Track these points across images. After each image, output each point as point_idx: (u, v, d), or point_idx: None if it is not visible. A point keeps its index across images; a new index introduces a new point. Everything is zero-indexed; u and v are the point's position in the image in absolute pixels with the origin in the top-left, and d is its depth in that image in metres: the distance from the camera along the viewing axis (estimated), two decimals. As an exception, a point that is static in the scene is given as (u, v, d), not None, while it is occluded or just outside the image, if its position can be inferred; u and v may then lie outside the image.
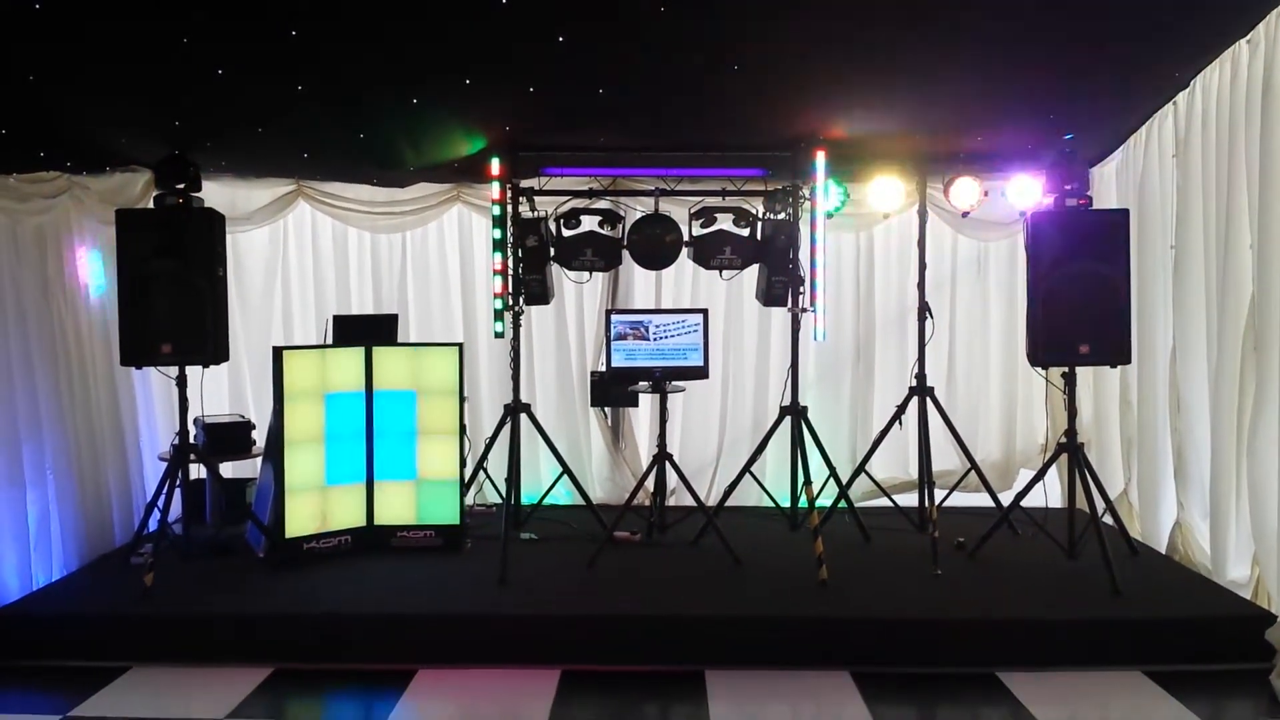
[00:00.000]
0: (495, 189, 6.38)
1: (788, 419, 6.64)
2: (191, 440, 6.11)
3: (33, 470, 5.79)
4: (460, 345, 6.60)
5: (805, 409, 6.64)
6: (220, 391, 7.52)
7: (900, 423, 6.91)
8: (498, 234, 6.43)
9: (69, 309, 6.14)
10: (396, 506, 6.47)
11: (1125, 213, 5.88)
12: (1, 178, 5.56)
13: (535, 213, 6.58)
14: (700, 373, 6.60)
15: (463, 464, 6.50)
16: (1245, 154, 5.26)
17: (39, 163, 5.80)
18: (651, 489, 6.76)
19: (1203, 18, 5.01)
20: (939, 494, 6.83)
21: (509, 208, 6.45)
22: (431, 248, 7.89)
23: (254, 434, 6.89)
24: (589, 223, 6.58)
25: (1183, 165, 5.90)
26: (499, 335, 6.57)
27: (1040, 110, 5.87)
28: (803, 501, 6.64)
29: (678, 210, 6.70)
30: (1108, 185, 6.97)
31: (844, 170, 6.75)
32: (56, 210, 5.99)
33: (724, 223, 6.59)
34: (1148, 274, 6.36)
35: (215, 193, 6.88)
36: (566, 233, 6.53)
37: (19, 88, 4.97)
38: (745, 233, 6.58)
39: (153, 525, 6.03)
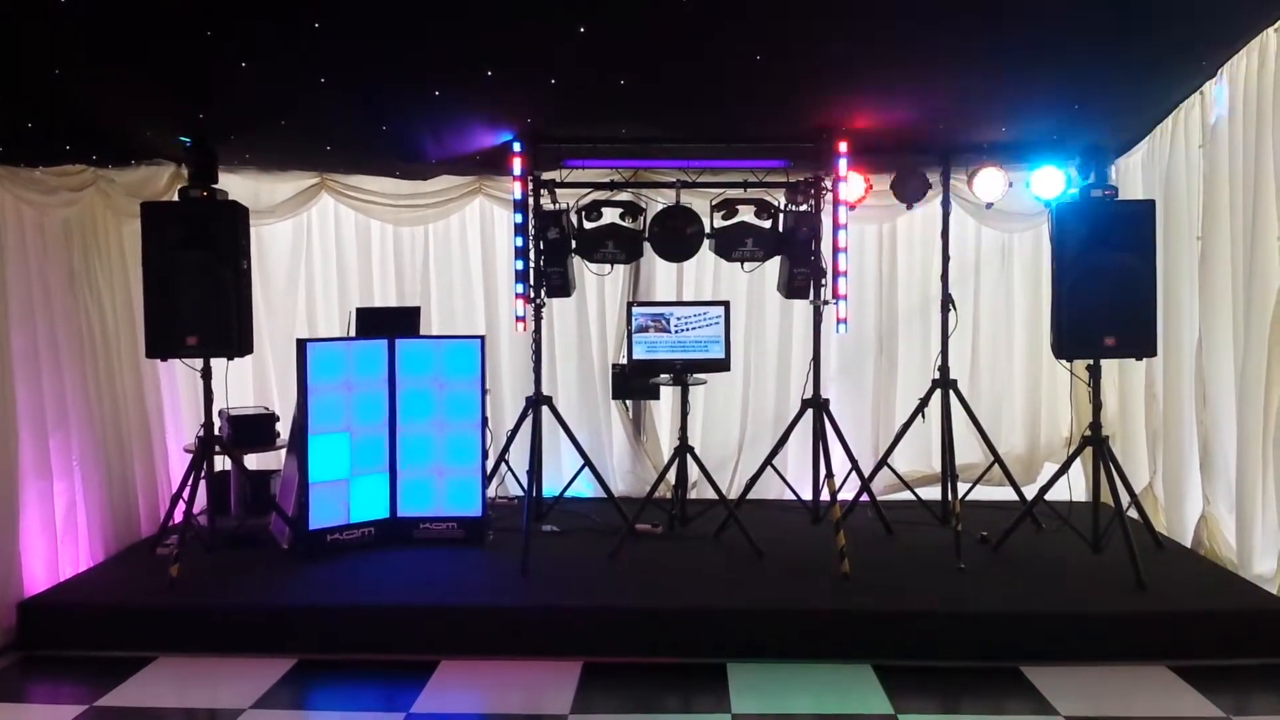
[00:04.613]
0: (517, 181, 6.38)
1: (809, 411, 6.62)
2: (216, 432, 6.15)
3: (60, 462, 5.83)
4: (482, 338, 6.63)
5: (827, 401, 6.62)
6: (245, 383, 7.56)
7: (923, 415, 6.87)
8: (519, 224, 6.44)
9: (94, 301, 6.19)
10: (419, 498, 6.50)
11: (1151, 204, 5.83)
12: (28, 170, 5.59)
13: (556, 205, 6.57)
14: (722, 365, 6.58)
15: (484, 456, 6.52)
16: (1273, 143, 5.20)
17: (65, 156, 5.83)
18: (673, 481, 6.75)
19: (1230, 5, 4.95)
20: (962, 487, 6.80)
21: (530, 200, 6.46)
22: (454, 240, 7.91)
23: (278, 426, 6.94)
24: (610, 215, 6.57)
25: (1209, 155, 5.83)
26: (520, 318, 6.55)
27: (1065, 100, 5.82)
28: (824, 494, 6.62)
29: (699, 202, 6.68)
30: (1134, 176, 6.90)
31: (867, 161, 6.72)
32: (82, 203, 6.03)
33: (746, 214, 6.56)
34: (1174, 265, 6.30)
35: (239, 185, 6.92)
36: (588, 225, 6.52)
37: (45, 81, 5.01)
38: (767, 224, 6.55)
39: (178, 517, 6.07)
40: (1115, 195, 5.82)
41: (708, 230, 6.55)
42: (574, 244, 6.53)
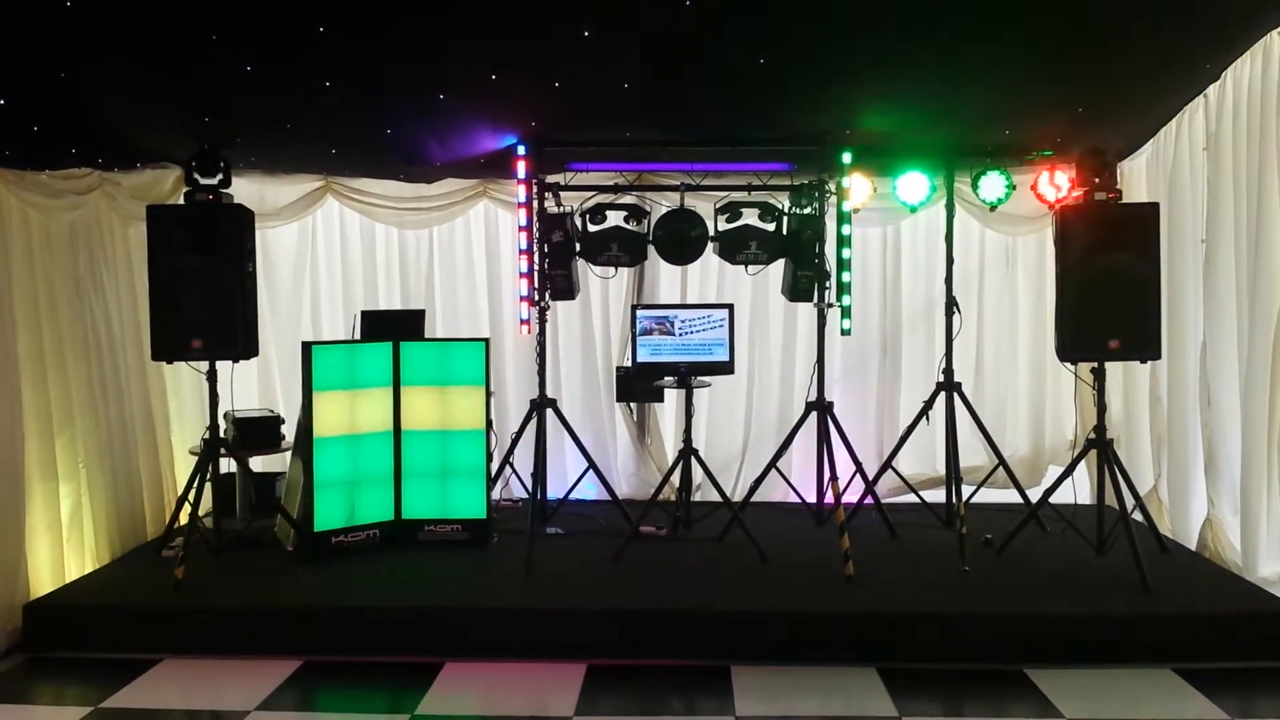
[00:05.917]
0: (521, 184, 6.39)
1: (813, 414, 6.63)
2: (221, 434, 6.16)
3: (65, 464, 5.85)
4: (486, 340, 6.63)
5: (831, 404, 6.63)
6: (250, 386, 7.57)
7: (927, 418, 6.87)
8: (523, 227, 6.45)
9: (100, 304, 6.20)
10: (424, 501, 6.50)
11: (1155, 206, 5.82)
12: (34, 174, 5.61)
13: (561, 208, 6.58)
14: (726, 368, 6.59)
15: (489, 459, 6.53)
16: (1277, 146, 5.20)
17: (71, 159, 5.85)
18: (677, 484, 6.75)
19: (1233, 8, 4.95)
20: (966, 490, 6.79)
21: (535, 203, 6.46)
22: (458, 243, 7.92)
23: (283, 428, 6.95)
24: (614, 218, 6.59)
25: (1213, 158, 5.83)
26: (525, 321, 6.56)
27: (1069, 103, 5.82)
28: (829, 497, 6.62)
29: (703, 205, 6.69)
30: (1138, 178, 6.91)
31: (871, 164, 6.72)
32: (88, 206, 6.05)
33: (750, 217, 6.57)
34: (1178, 268, 6.30)
35: (244, 189, 6.93)
36: (592, 228, 6.53)
37: (51, 85, 5.02)
38: (771, 227, 6.56)
39: (184, 519, 6.07)
40: (1119, 198, 5.82)
41: (712, 233, 6.56)
42: (578, 247, 6.54)
